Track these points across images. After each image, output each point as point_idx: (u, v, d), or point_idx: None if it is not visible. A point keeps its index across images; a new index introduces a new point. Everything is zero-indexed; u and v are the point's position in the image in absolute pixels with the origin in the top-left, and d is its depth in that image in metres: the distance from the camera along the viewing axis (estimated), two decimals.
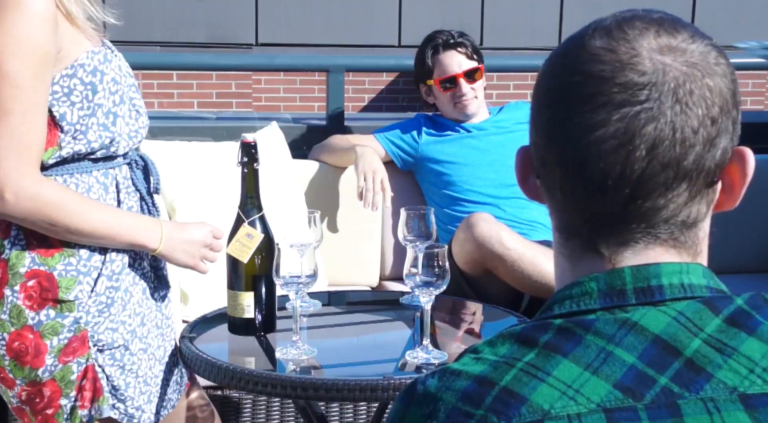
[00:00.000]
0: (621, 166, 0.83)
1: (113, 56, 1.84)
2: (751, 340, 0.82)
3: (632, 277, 0.85)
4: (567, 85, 0.86)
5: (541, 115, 0.89)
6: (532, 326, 0.85)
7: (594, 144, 0.84)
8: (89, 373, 1.81)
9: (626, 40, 0.85)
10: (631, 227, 0.86)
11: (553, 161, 0.87)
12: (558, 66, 0.88)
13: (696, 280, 0.86)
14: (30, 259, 1.76)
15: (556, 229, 0.92)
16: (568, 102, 0.85)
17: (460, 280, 2.94)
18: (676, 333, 0.82)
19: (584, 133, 0.84)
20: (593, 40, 0.86)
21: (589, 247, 0.88)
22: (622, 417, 0.78)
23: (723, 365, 0.81)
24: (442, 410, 0.80)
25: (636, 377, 0.80)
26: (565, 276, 0.91)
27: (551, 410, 0.78)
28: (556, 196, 0.89)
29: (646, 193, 0.84)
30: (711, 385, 0.80)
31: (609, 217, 0.86)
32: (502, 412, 0.78)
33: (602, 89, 0.84)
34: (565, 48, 0.89)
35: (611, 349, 0.81)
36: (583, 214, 0.87)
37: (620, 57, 0.84)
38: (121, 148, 1.84)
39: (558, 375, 0.80)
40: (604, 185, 0.84)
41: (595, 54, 0.85)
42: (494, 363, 0.82)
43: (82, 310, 1.79)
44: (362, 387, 1.86)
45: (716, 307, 0.84)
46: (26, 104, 1.68)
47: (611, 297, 0.85)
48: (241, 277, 2.10)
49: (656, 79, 0.83)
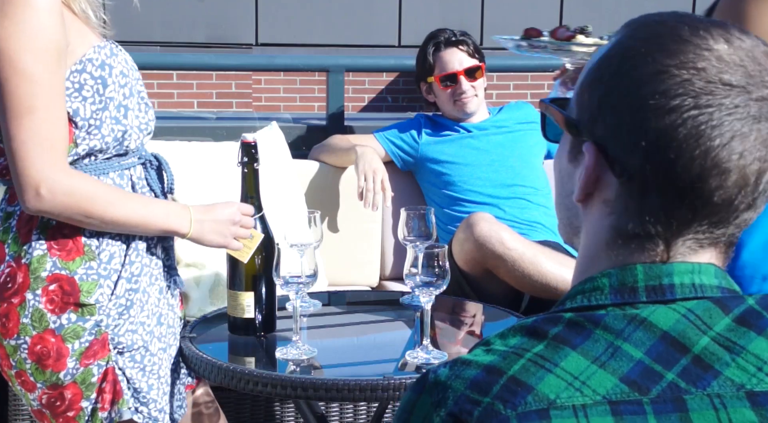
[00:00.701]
0: (755, 177, 0.84)
1: (118, 50, 1.85)
2: (760, 340, 0.83)
3: (644, 275, 0.86)
4: (701, 90, 0.83)
5: (651, 116, 0.84)
6: (543, 319, 0.86)
7: (735, 155, 0.83)
8: (109, 376, 1.81)
9: (746, 48, 0.85)
10: (718, 231, 0.87)
11: (667, 165, 0.84)
12: (679, 66, 0.84)
13: (707, 280, 0.86)
14: (51, 263, 1.77)
15: (614, 226, 0.88)
16: (702, 109, 0.83)
17: (460, 280, 2.94)
18: (684, 330, 0.83)
19: (726, 144, 0.83)
20: (715, 42, 0.85)
21: (650, 244, 0.87)
22: (628, 410, 0.79)
23: (731, 363, 0.82)
24: (450, 397, 0.82)
25: (643, 372, 0.81)
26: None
27: (557, 400, 0.79)
28: (646, 198, 0.86)
29: (761, 204, 0.86)
30: (718, 382, 0.81)
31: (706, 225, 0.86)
32: (509, 400, 0.80)
33: (739, 100, 0.83)
34: (674, 45, 0.85)
35: (619, 343, 0.82)
36: (680, 218, 0.85)
37: (748, 66, 0.84)
38: (132, 142, 1.85)
39: (565, 366, 0.81)
40: (735, 195, 0.84)
41: (725, 60, 0.84)
42: (504, 353, 0.84)
43: (102, 313, 1.79)
44: (362, 387, 1.86)
45: (727, 307, 0.84)
46: (46, 99, 1.68)
47: (622, 294, 0.85)
48: (241, 277, 2.10)
49: None
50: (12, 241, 1.79)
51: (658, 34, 0.86)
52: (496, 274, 2.92)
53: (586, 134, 0.90)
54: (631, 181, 0.86)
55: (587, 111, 0.90)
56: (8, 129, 1.68)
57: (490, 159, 3.25)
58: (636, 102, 0.85)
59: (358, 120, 4.22)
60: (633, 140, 0.85)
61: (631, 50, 0.87)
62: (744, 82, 0.83)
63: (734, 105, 0.82)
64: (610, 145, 0.87)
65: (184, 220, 1.87)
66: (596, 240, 0.91)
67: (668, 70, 0.84)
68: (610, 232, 0.89)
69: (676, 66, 0.83)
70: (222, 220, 1.94)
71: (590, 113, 0.89)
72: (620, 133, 0.86)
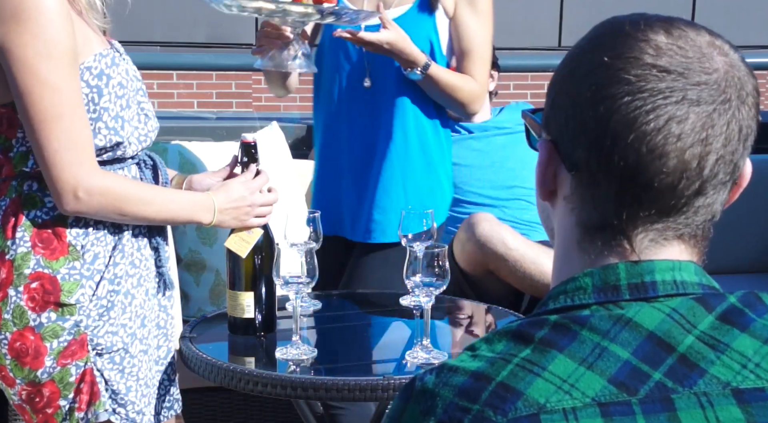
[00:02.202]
0: (697, 161, 0.85)
1: (121, 60, 1.85)
2: (743, 337, 0.84)
3: (626, 273, 0.87)
4: (633, 77, 0.85)
5: (588, 108, 0.87)
6: (527, 322, 0.86)
7: (672, 138, 0.84)
8: (87, 377, 1.81)
9: (688, 37, 0.87)
10: (676, 222, 0.88)
11: (606, 154, 0.86)
12: (614, 58, 0.86)
13: (688, 277, 0.87)
14: (35, 261, 1.77)
15: (578, 223, 0.91)
16: (635, 95, 0.84)
17: (460, 280, 2.94)
18: (669, 329, 0.83)
19: (661, 127, 0.84)
20: (653, 34, 0.86)
21: (615, 243, 0.88)
22: (617, 411, 0.79)
23: (716, 361, 0.82)
24: (439, 405, 0.81)
25: (630, 372, 0.81)
26: (575, 271, 0.91)
27: (547, 404, 0.79)
28: (596, 189, 0.88)
29: (710, 189, 0.87)
30: (704, 380, 0.81)
31: (657, 214, 0.87)
32: (499, 407, 0.80)
33: (676, 85, 0.84)
34: (612, 40, 0.88)
35: (606, 344, 0.82)
36: (628, 206, 0.87)
37: (689, 53, 0.86)
38: (128, 152, 1.86)
39: (553, 370, 0.81)
40: (677, 180, 0.85)
41: (661, 48, 0.85)
42: (491, 359, 0.83)
43: (82, 313, 1.79)
44: (362, 387, 1.86)
45: (710, 305, 0.85)
46: (70, 105, 1.71)
47: (605, 292, 0.86)
48: (241, 277, 2.10)
49: (726, 78, 0.86)
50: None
51: (601, 33, 0.90)
52: (497, 275, 2.92)
53: (543, 134, 0.94)
54: (580, 173, 0.89)
55: (546, 112, 0.94)
56: (37, 138, 1.71)
57: (491, 160, 3.25)
58: (577, 97, 0.88)
59: None
60: (576, 133, 0.88)
61: (577, 50, 0.91)
62: (681, 69, 0.85)
63: (670, 89, 0.84)
64: (560, 142, 0.91)
65: (208, 211, 1.94)
66: (566, 238, 0.92)
67: (604, 63, 0.86)
68: (576, 230, 0.91)
69: (611, 58, 0.86)
70: (242, 206, 1.99)
71: (546, 114, 0.94)
72: (566, 128, 0.89)
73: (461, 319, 2.49)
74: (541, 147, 0.93)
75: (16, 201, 1.79)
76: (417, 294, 1.97)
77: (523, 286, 2.90)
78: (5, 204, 1.79)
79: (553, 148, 0.91)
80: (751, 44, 8.03)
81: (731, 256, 3.56)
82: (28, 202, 1.79)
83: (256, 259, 2.08)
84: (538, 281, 2.84)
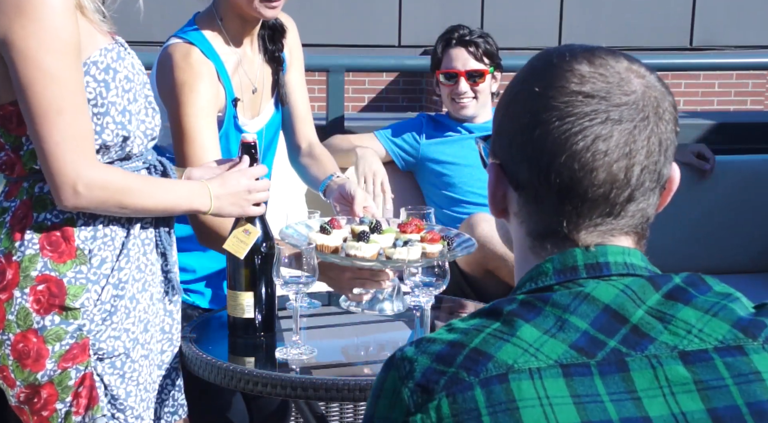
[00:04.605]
0: (624, 173, 0.96)
1: (126, 54, 1.85)
2: (687, 309, 0.95)
3: (582, 255, 0.98)
4: (562, 104, 0.96)
5: (526, 133, 0.98)
6: (498, 302, 0.97)
7: (599, 155, 0.95)
8: (87, 381, 1.81)
9: (608, 65, 0.98)
10: (617, 225, 0.99)
11: (544, 173, 0.97)
12: (545, 87, 0.98)
13: (636, 261, 0.99)
14: (42, 263, 1.77)
15: (528, 233, 1.02)
16: (564, 119, 0.96)
17: (460, 280, 2.94)
18: (623, 303, 0.94)
19: (589, 146, 0.95)
20: (577, 64, 0.98)
21: (564, 244, 1.00)
22: (577, 372, 0.90)
23: (664, 331, 0.93)
24: (417, 370, 0.91)
25: (588, 340, 0.92)
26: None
27: (515, 364, 0.90)
28: (540, 204, 0.99)
29: (640, 196, 0.98)
30: (654, 346, 0.92)
31: (598, 218, 0.99)
32: (471, 369, 0.90)
33: (599, 107, 0.96)
34: (543, 71, 1.00)
35: (567, 317, 0.93)
36: (569, 216, 0.98)
37: (609, 79, 0.97)
38: (135, 147, 1.85)
39: (521, 335, 0.92)
40: (608, 190, 0.96)
41: (585, 76, 0.97)
42: (465, 330, 0.94)
43: (86, 317, 1.79)
44: (362, 387, 1.86)
45: (657, 284, 0.96)
46: (73, 98, 1.70)
47: (565, 273, 0.97)
48: (241, 277, 2.10)
49: (643, 98, 0.97)
50: (5, 236, 1.79)
51: (535, 65, 1.02)
52: (497, 275, 2.92)
53: (491, 158, 1.06)
54: (525, 191, 1.00)
55: (493, 138, 1.06)
56: (38, 131, 1.70)
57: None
58: (516, 123, 1.00)
59: (358, 120, 4.22)
60: (518, 156, 1.00)
61: (515, 81, 1.03)
62: (603, 93, 0.96)
63: (594, 112, 0.95)
64: (505, 164, 1.03)
65: (205, 198, 1.91)
66: (521, 246, 1.05)
67: (536, 92, 0.98)
68: (527, 239, 1.03)
69: (542, 87, 0.98)
70: (238, 191, 1.97)
71: (492, 139, 1.06)
72: (510, 151, 1.01)
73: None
74: (490, 170, 1.05)
75: (26, 203, 1.79)
76: (417, 294, 1.97)
77: None
78: (15, 205, 1.79)
79: (500, 171, 1.03)
80: (751, 44, 8.02)
81: (731, 256, 3.56)
82: (38, 204, 1.79)
83: (256, 259, 2.08)
84: None
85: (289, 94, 2.56)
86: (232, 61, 2.38)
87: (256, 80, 2.45)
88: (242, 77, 2.41)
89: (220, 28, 2.36)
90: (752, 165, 3.68)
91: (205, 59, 2.29)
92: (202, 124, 2.24)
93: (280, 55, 2.51)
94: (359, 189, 2.34)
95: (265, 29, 2.47)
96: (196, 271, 2.48)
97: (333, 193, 2.41)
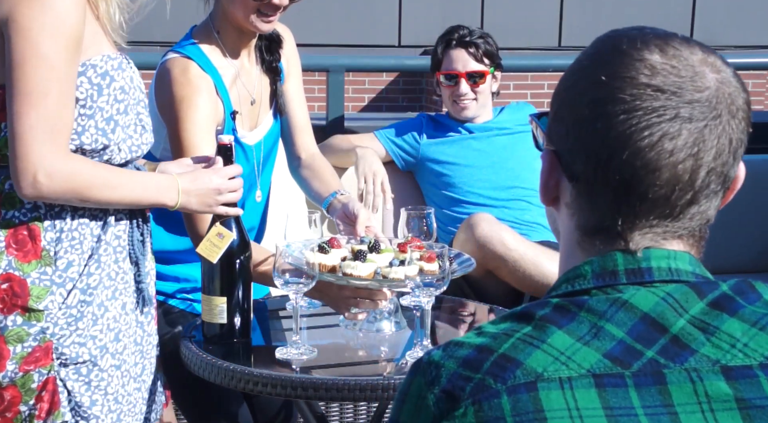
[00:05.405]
0: (689, 174, 0.91)
1: (128, 67, 1.84)
2: (732, 321, 0.89)
3: (623, 259, 0.93)
4: (629, 96, 0.90)
5: (587, 123, 0.93)
6: (531, 305, 0.92)
7: (664, 154, 0.90)
8: (49, 385, 1.77)
9: (682, 56, 0.92)
10: (673, 227, 0.94)
11: (603, 168, 0.92)
12: (611, 76, 0.92)
13: (683, 266, 0.93)
14: (6, 262, 1.74)
15: (578, 227, 0.97)
16: (630, 113, 0.90)
17: (460, 280, 2.94)
18: (663, 312, 0.89)
19: (654, 144, 0.90)
20: (648, 53, 0.92)
21: (614, 243, 0.94)
22: (610, 382, 0.85)
23: (706, 342, 0.88)
24: (444, 375, 0.88)
25: (624, 350, 0.87)
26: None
27: (544, 373, 0.86)
28: (594, 199, 0.94)
29: (702, 198, 0.93)
30: (695, 358, 0.87)
31: (654, 220, 0.93)
32: (499, 375, 0.86)
33: (669, 103, 0.90)
34: (610, 58, 0.93)
35: (602, 324, 0.88)
36: (625, 215, 0.93)
37: (682, 73, 0.91)
38: (116, 158, 1.82)
39: (552, 342, 0.87)
40: (670, 192, 0.91)
41: (656, 68, 0.91)
42: (494, 334, 0.90)
43: (50, 320, 1.75)
44: (362, 387, 1.86)
45: (702, 292, 0.91)
46: (61, 86, 1.68)
47: (603, 277, 0.92)
48: (215, 281, 2.05)
49: (717, 95, 0.91)
50: None
51: (600, 49, 0.96)
52: (497, 275, 2.92)
53: (546, 143, 1.00)
54: (579, 184, 0.95)
55: (549, 122, 1.00)
56: (17, 110, 1.67)
57: (491, 161, 3.25)
58: (576, 112, 0.94)
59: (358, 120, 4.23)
60: (576, 147, 0.94)
61: (577, 65, 0.97)
62: (675, 88, 0.90)
63: (663, 108, 0.90)
64: (561, 153, 0.97)
65: (172, 192, 1.88)
66: (569, 239, 0.99)
67: (602, 81, 0.92)
68: (577, 232, 0.97)
69: (608, 76, 0.92)
70: (208, 189, 1.94)
71: (548, 125, 1.00)
72: (567, 140, 0.96)
73: (461, 319, 2.49)
74: (544, 157, 0.99)
75: None
76: (417, 294, 1.97)
77: (523, 286, 2.90)
78: None
79: (555, 159, 0.97)
80: (751, 44, 8.02)
81: (731, 256, 3.56)
82: (7, 201, 1.75)
83: (231, 263, 2.04)
84: (538, 281, 2.84)
85: (288, 103, 2.56)
86: (230, 74, 2.38)
87: (254, 91, 2.45)
88: (240, 89, 2.40)
89: (217, 40, 2.36)
90: (752, 165, 3.66)
91: (202, 73, 2.29)
92: (201, 138, 2.24)
93: (277, 65, 2.50)
94: (363, 208, 2.32)
95: (262, 40, 2.47)
96: (197, 280, 2.48)
97: (336, 211, 2.40)
